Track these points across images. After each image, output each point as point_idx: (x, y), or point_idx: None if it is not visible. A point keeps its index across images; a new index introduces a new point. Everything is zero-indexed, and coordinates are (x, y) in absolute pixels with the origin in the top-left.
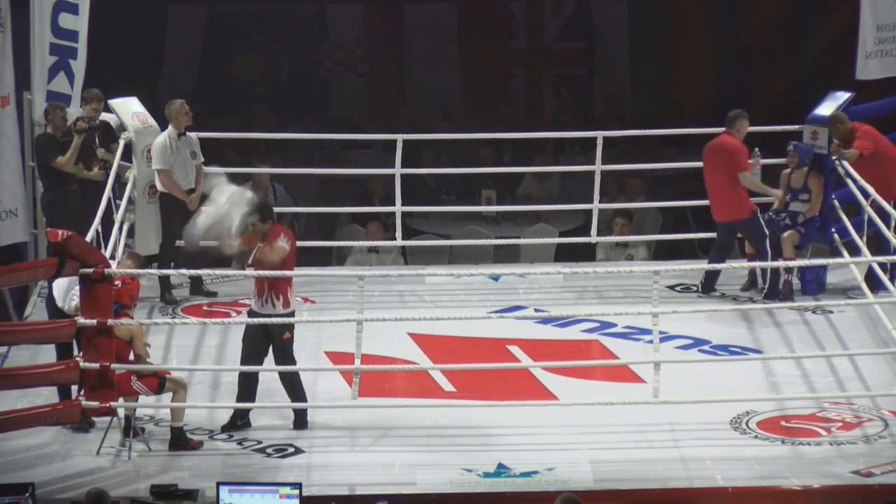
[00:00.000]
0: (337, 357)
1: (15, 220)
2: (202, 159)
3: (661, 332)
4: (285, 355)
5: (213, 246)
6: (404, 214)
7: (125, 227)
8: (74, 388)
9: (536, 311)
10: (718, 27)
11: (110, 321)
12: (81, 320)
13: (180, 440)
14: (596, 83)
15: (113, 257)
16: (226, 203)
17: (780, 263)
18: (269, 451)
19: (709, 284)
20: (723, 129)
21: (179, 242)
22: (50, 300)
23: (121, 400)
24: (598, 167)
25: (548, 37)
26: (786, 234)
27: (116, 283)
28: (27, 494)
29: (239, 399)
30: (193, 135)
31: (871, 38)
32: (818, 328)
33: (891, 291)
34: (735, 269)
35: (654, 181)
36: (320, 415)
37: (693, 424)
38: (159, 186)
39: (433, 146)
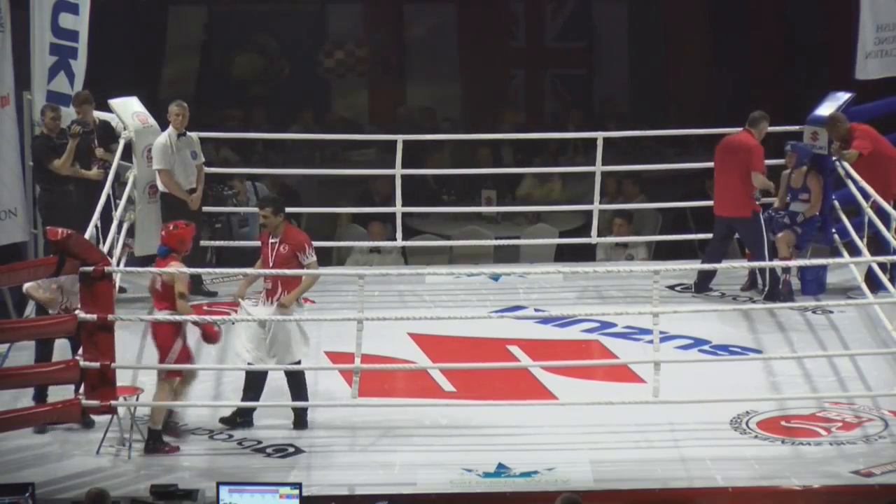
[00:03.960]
0: (337, 357)
1: (14, 220)
2: (203, 159)
3: (661, 332)
4: None
5: None
6: (404, 214)
7: (124, 227)
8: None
9: (536, 311)
10: (718, 27)
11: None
12: (81, 315)
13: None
14: (596, 83)
15: (111, 255)
16: None
17: (780, 263)
18: (269, 451)
19: (703, 284)
20: (719, 128)
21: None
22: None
23: (121, 399)
24: (598, 168)
25: (548, 37)
26: (780, 234)
27: (169, 226)
28: (27, 494)
29: (246, 396)
30: (194, 135)
31: (871, 38)
32: (818, 328)
33: (891, 292)
34: (734, 269)
35: (653, 181)
36: (320, 415)
37: (693, 424)
38: (160, 186)
39: (436, 147)
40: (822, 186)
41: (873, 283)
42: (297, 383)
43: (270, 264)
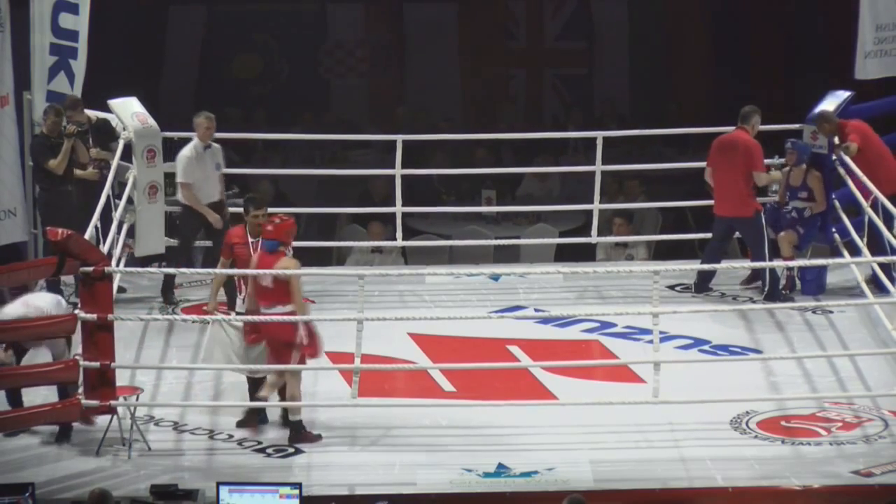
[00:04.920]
0: (337, 357)
1: (14, 220)
2: (223, 169)
3: (661, 332)
4: None
5: None
6: (404, 214)
7: (124, 227)
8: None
9: (536, 311)
10: (718, 27)
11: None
12: (82, 315)
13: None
14: (596, 83)
15: (110, 255)
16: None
17: (780, 263)
18: (269, 451)
19: (703, 284)
20: (720, 127)
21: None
22: None
23: (121, 399)
24: (598, 167)
25: (548, 37)
26: (782, 234)
27: (275, 219)
28: (27, 494)
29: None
30: (218, 145)
31: (871, 38)
32: (818, 328)
33: (891, 292)
34: (734, 269)
35: (653, 181)
36: (320, 415)
37: (693, 424)
38: (180, 198)
39: (438, 148)
40: (823, 181)
41: (876, 283)
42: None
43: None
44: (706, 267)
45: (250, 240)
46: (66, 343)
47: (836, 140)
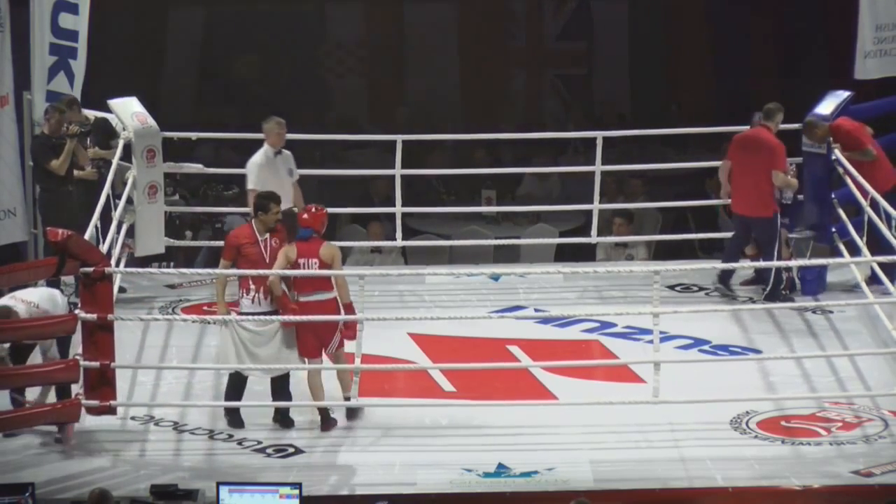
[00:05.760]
0: None
1: (14, 220)
2: (298, 175)
3: (661, 332)
4: None
5: None
6: (404, 214)
7: (124, 227)
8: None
9: (536, 311)
10: (718, 27)
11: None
12: (82, 315)
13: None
14: (596, 83)
15: (110, 255)
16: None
17: (781, 263)
18: (269, 451)
19: (726, 282)
20: (720, 127)
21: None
22: None
23: (120, 398)
24: (598, 167)
25: (548, 37)
26: None
27: (311, 208)
28: (27, 494)
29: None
30: (289, 152)
31: (870, 38)
32: (818, 328)
33: (891, 291)
34: (735, 269)
35: (654, 181)
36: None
37: (693, 424)
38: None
39: (438, 148)
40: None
41: (877, 283)
42: (284, 386)
43: (267, 261)
44: (707, 267)
45: (259, 238)
46: (51, 340)
47: (831, 139)
